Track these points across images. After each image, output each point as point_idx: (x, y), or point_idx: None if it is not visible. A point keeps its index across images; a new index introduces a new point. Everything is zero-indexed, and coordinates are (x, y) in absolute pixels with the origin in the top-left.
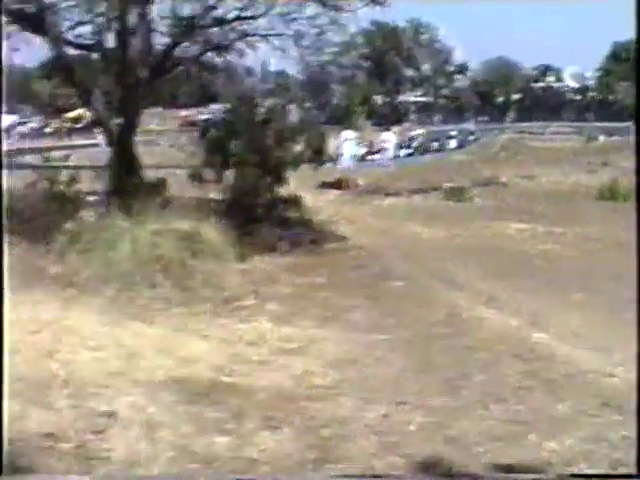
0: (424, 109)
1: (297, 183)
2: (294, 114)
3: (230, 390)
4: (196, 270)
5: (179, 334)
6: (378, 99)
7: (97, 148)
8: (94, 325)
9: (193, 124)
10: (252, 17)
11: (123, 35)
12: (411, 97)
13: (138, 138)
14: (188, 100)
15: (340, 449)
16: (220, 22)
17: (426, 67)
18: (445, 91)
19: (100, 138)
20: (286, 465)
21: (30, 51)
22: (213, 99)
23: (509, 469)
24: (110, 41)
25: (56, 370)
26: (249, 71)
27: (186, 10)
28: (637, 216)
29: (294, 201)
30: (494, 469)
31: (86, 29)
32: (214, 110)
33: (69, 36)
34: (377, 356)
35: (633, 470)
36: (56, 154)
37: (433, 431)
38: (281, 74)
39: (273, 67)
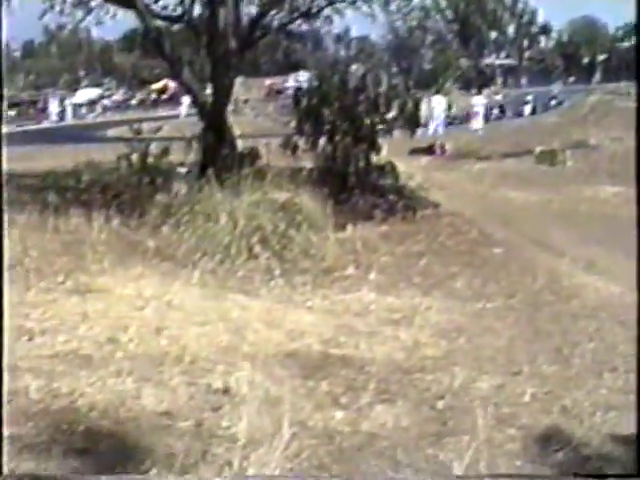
0: (509, 72)
1: (388, 149)
2: (385, 80)
3: (341, 363)
4: (294, 240)
5: (283, 306)
6: (463, 63)
7: (184, 119)
8: (197, 299)
9: (278, 92)
10: None
11: (211, 5)
12: (496, 60)
13: None
14: (271, 68)
15: (457, 422)
16: None
17: (510, 29)
18: (530, 53)
19: (181, 109)
20: (405, 439)
21: (112, 24)
22: (296, 67)
23: (627, 441)
24: (197, 12)
25: (166, 347)
26: (335, 37)
27: None
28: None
29: (388, 168)
30: (612, 440)
31: (172, 0)
32: (300, 78)
33: (155, 8)
34: (484, 325)
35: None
36: (144, 126)
37: (548, 402)
38: (364, 39)
39: (355, 33)
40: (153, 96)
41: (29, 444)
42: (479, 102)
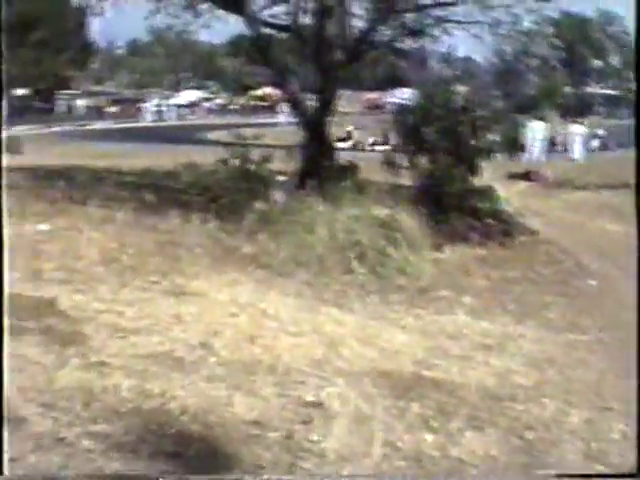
0: (611, 102)
1: (487, 172)
2: (490, 102)
3: (433, 385)
4: (391, 258)
5: (377, 323)
6: (566, 90)
7: (283, 127)
8: (292, 310)
9: (377, 107)
10: (450, 3)
11: (320, 17)
12: (599, 90)
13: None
14: (372, 83)
15: (546, 454)
16: (418, 7)
17: (615, 59)
18: (633, 84)
19: (281, 117)
20: (494, 468)
21: (219, 29)
22: (397, 83)
23: None
24: (305, 22)
25: (260, 355)
26: (440, 57)
27: None
28: None
29: (487, 191)
30: None
31: (280, 9)
32: (401, 94)
33: (263, 15)
34: (576, 357)
35: None
36: (247, 131)
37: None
38: (468, 60)
39: (460, 53)
40: (253, 102)
41: (117, 443)
42: (579, 131)
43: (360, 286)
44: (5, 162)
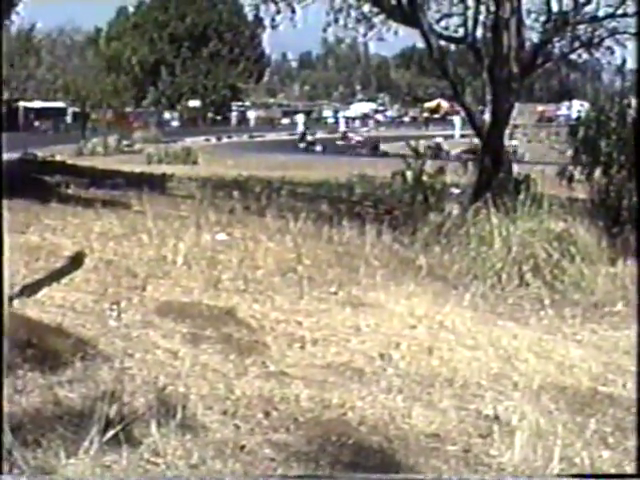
0: None
1: None
2: None
3: (609, 401)
4: (566, 272)
5: (552, 337)
6: None
7: (458, 139)
8: (468, 322)
9: (549, 120)
10: (625, 14)
11: (495, 29)
12: None
13: None
14: (544, 95)
15: None
16: (592, 19)
17: None
18: None
19: (456, 130)
20: None
21: (391, 41)
22: (569, 95)
23: None
24: (479, 34)
25: (437, 367)
26: (615, 69)
27: (557, 6)
28: None
29: None
30: None
31: (453, 21)
32: (574, 107)
33: (437, 28)
34: None
35: None
36: (422, 143)
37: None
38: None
39: (631, 65)
40: (425, 114)
41: (297, 452)
42: None
43: (535, 299)
44: (182, 172)
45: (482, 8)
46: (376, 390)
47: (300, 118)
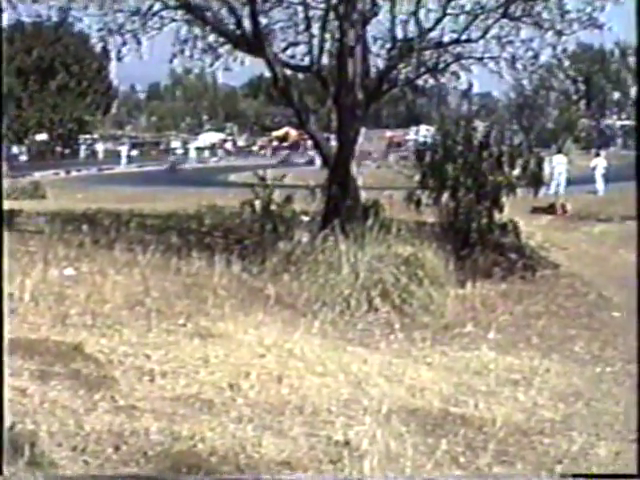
0: (631, 134)
1: (508, 207)
2: (510, 138)
3: (461, 421)
4: (415, 295)
5: (403, 361)
6: (584, 122)
7: (304, 167)
8: (317, 349)
9: (399, 145)
10: (469, 40)
11: (340, 57)
12: (617, 121)
13: None
14: (392, 121)
15: None
16: (437, 45)
17: (633, 90)
18: None
19: (316, 159)
20: None
21: (237, 70)
22: (417, 120)
23: None
24: (325, 62)
25: (287, 395)
26: (461, 93)
27: (402, 33)
28: None
29: (510, 227)
30: None
31: (300, 49)
32: (422, 132)
33: (283, 56)
34: (603, 390)
35: None
36: (269, 172)
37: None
38: (486, 96)
39: (477, 89)
40: (274, 143)
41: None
42: (600, 163)
43: (384, 324)
44: (29, 207)
45: (327, 36)
46: (226, 420)
47: (123, 150)
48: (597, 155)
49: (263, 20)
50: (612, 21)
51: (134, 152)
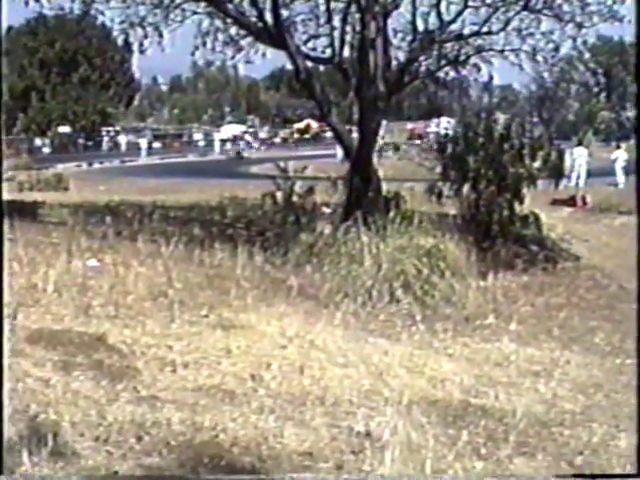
0: None
1: (529, 199)
2: (530, 130)
3: (481, 412)
4: (437, 287)
5: (424, 352)
6: (605, 115)
7: (328, 159)
8: (339, 340)
9: (420, 137)
10: (490, 32)
11: (362, 49)
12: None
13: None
14: (413, 113)
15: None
16: (458, 37)
17: None
18: None
19: (338, 150)
20: None
21: (259, 63)
22: (438, 112)
23: None
24: (347, 54)
25: (308, 386)
26: (482, 86)
27: (423, 25)
28: None
29: (531, 218)
30: None
31: (321, 42)
32: (443, 124)
33: (304, 49)
34: (623, 381)
35: None
36: (291, 164)
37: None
38: (507, 88)
39: (498, 81)
40: (295, 135)
41: (170, 476)
42: (620, 155)
43: (406, 315)
44: (52, 198)
45: (348, 28)
46: (248, 411)
47: (143, 143)
48: (618, 147)
49: (285, 12)
50: (632, 13)
51: (157, 144)
